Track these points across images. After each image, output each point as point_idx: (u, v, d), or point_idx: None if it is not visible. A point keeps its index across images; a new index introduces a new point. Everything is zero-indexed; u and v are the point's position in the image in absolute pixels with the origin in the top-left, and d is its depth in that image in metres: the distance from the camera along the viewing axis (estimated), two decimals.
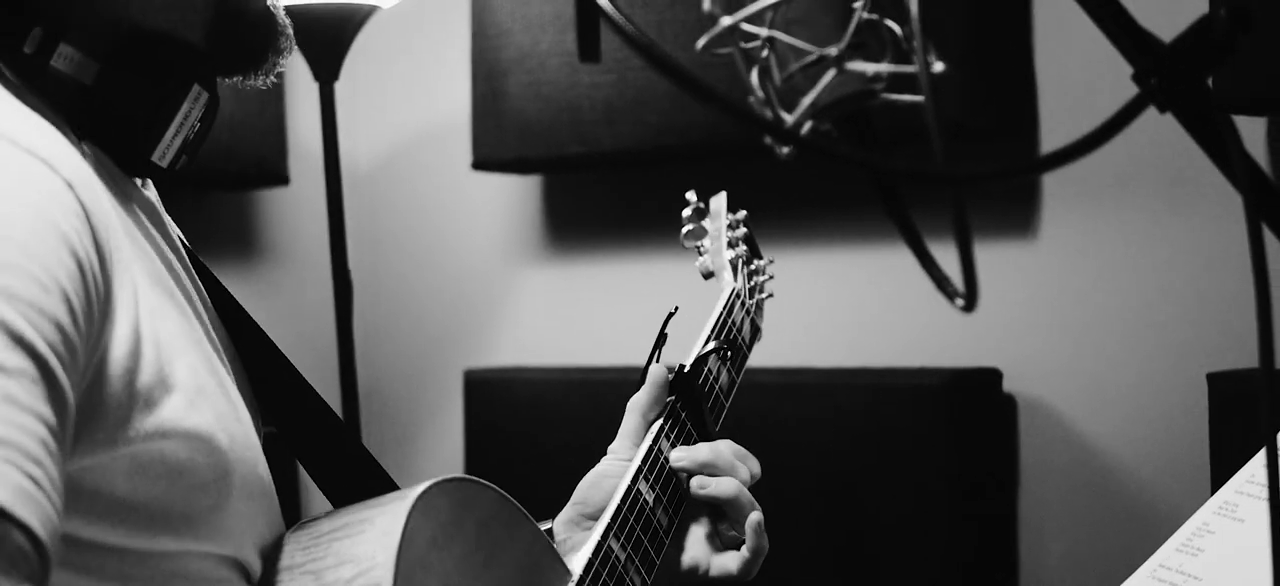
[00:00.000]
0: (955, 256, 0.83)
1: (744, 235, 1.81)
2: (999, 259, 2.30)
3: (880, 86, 0.84)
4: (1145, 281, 2.19)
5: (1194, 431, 2.06)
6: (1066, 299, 2.27)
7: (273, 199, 2.98)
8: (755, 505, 1.51)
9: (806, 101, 0.84)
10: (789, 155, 0.85)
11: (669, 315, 1.61)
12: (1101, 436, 2.24)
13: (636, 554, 1.38)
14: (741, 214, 1.84)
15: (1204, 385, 2.01)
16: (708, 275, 1.76)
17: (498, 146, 2.67)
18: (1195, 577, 1.39)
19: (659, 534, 1.43)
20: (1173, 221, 2.16)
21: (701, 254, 1.79)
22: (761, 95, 0.86)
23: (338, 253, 2.65)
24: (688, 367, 1.56)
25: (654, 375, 1.54)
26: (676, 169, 2.64)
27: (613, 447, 1.54)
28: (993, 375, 2.28)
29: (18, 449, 0.85)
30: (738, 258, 1.76)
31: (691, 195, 1.82)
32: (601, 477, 1.51)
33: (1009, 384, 2.30)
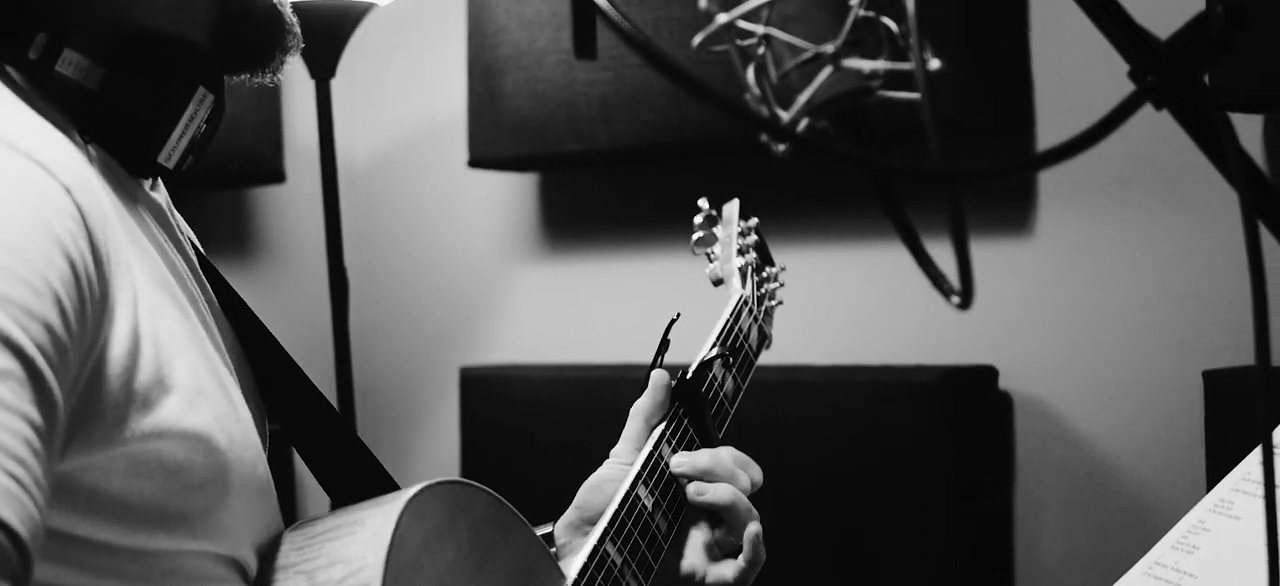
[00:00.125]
0: (951, 254, 0.83)
1: (755, 242, 1.81)
2: (995, 257, 2.30)
3: (876, 84, 0.84)
4: (1141, 279, 2.19)
5: (1189, 429, 2.07)
6: (1062, 297, 2.27)
7: (269, 196, 2.98)
8: (754, 514, 1.50)
9: (803, 98, 0.84)
10: (785, 152, 0.85)
11: (671, 321, 1.60)
12: (1097, 434, 2.24)
13: (634, 559, 1.37)
14: (753, 221, 1.84)
15: (1200, 383, 2.01)
16: (717, 282, 1.76)
17: (494, 144, 2.67)
18: (1191, 575, 1.39)
19: (657, 539, 1.43)
20: (1169, 219, 2.16)
21: (711, 260, 1.79)
22: (758, 92, 0.86)
23: (334, 250, 2.65)
24: (691, 373, 1.56)
25: (656, 380, 1.54)
26: (673, 166, 2.64)
27: (614, 451, 1.54)
28: (989, 372, 2.28)
29: (1, 449, 0.86)
30: (747, 264, 1.76)
31: (703, 202, 1.82)
32: (602, 482, 1.50)
33: (1005, 381, 2.30)
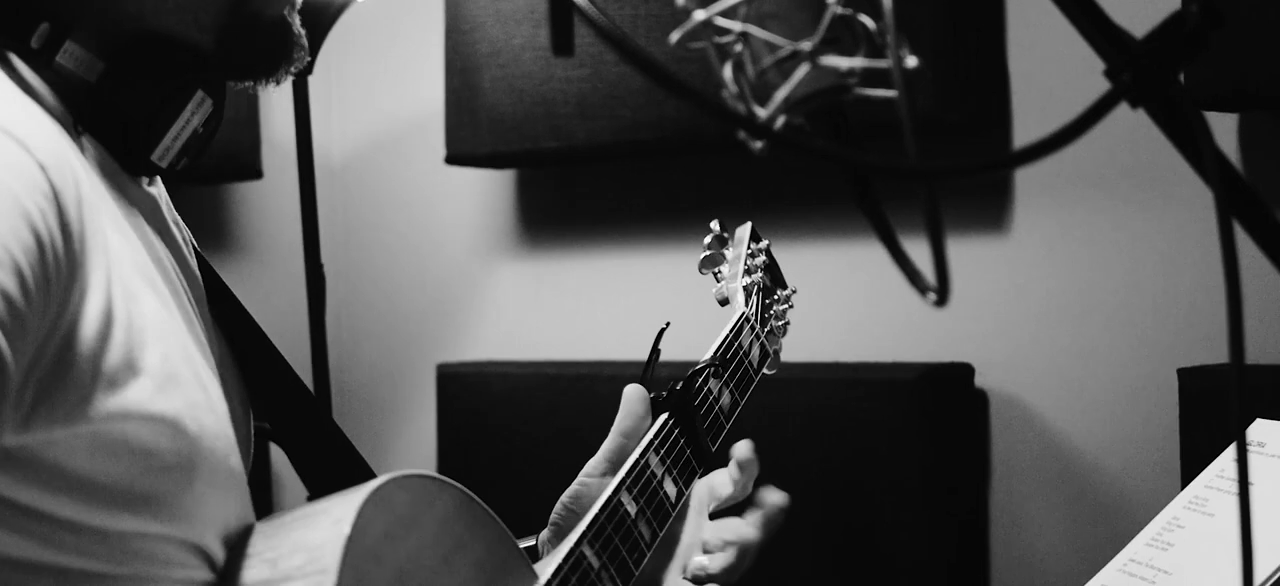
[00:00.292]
0: (928, 251, 0.83)
1: (764, 264, 1.81)
2: (971, 254, 2.31)
3: (853, 81, 0.84)
4: (1116, 277, 2.20)
5: (1164, 426, 2.07)
6: (1038, 294, 2.27)
7: (246, 192, 2.97)
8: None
9: (780, 96, 0.84)
10: (762, 150, 0.85)
11: (660, 331, 1.60)
12: (1073, 431, 2.25)
13: (612, 563, 1.36)
14: (764, 243, 1.84)
15: (1174, 380, 2.02)
16: (723, 301, 1.76)
17: (471, 140, 2.66)
18: (1165, 571, 1.39)
19: (640, 545, 1.41)
20: (1144, 217, 2.17)
21: (718, 280, 1.79)
22: (735, 89, 0.86)
23: (311, 247, 2.64)
24: (681, 385, 1.55)
25: (629, 394, 1.53)
26: (651, 163, 2.64)
27: (588, 466, 1.52)
28: (965, 370, 2.29)
29: None
30: (753, 284, 1.76)
31: (715, 224, 1.82)
32: (576, 498, 1.49)
33: (981, 379, 2.30)
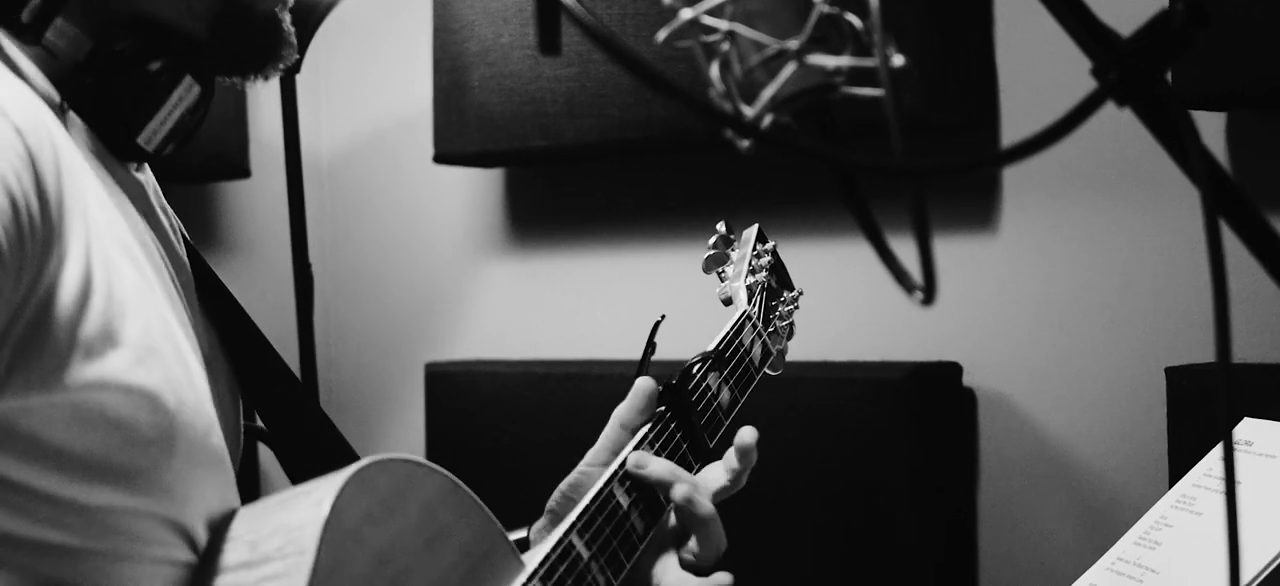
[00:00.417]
0: (915, 250, 0.83)
1: (770, 264, 1.81)
2: (959, 253, 2.31)
3: (840, 80, 0.84)
4: (1104, 276, 2.20)
5: (1152, 425, 2.08)
6: (1026, 293, 2.28)
7: (233, 191, 2.96)
8: (723, 543, 1.48)
9: (767, 94, 0.84)
10: (749, 149, 0.85)
11: (656, 323, 1.59)
12: (1061, 430, 2.25)
13: (602, 554, 1.36)
14: (770, 244, 1.84)
15: (1162, 379, 2.02)
16: (726, 301, 1.76)
17: (460, 139, 2.66)
18: (1153, 570, 1.39)
19: (631, 538, 1.41)
20: (1132, 217, 2.17)
21: (722, 280, 1.80)
22: (722, 88, 0.85)
23: (298, 246, 2.64)
24: (676, 379, 1.55)
25: (639, 387, 1.52)
26: (639, 162, 2.64)
27: (588, 455, 1.52)
28: (953, 369, 2.29)
29: None
30: (757, 284, 1.76)
31: (721, 226, 1.82)
32: (573, 487, 1.49)
33: (969, 378, 2.31)
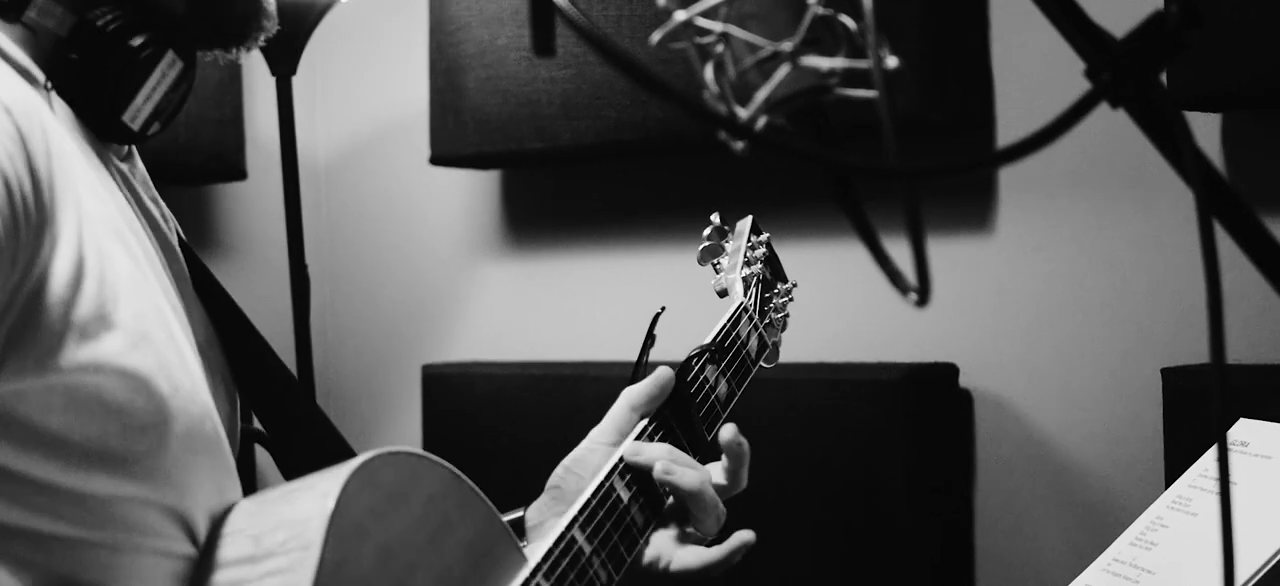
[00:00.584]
0: (909, 251, 0.83)
1: (764, 256, 1.81)
2: (955, 254, 2.31)
3: (834, 82, 0.84)
4: (1100, 277, 2.20)
5: (1148, 426, 2.08)
6: (1022, 294, 2.28)
7: (230, 193, 2.96)
8: (721, 511, 1.49)
9: (761, 96, 0.84)
10: (744, 150, 0.85)
11: (655, 316, 1.59)
12: (1057, 431, 2.25)
13: (604, 548, 1.36)
14: (764, 236, 1.84)
15: (1158, 380, 2.02)
16: (722, 293, 1.76)
17: (456, 141, 2.66)
18: (1148, 571, 1.39)
19: (632, 531, 1.41)
20: (1128, 217, 2.17)
21: (717, 272, 1.79)
22: (716, 90, 0.86)
23: (295, 248, 2.64)
24: (676, 371, 1.55)
25: (660, 374, 1.52)
26: (634, 164, 2.64)
27: (593, 433, 1.52)
28: (949, 370, 2.29)
29: None
30: (753, 276, 1.76)
31: (715, 217, 1.82)
32: (577, 462, 1.49)
33: (965, 379, 2.31)
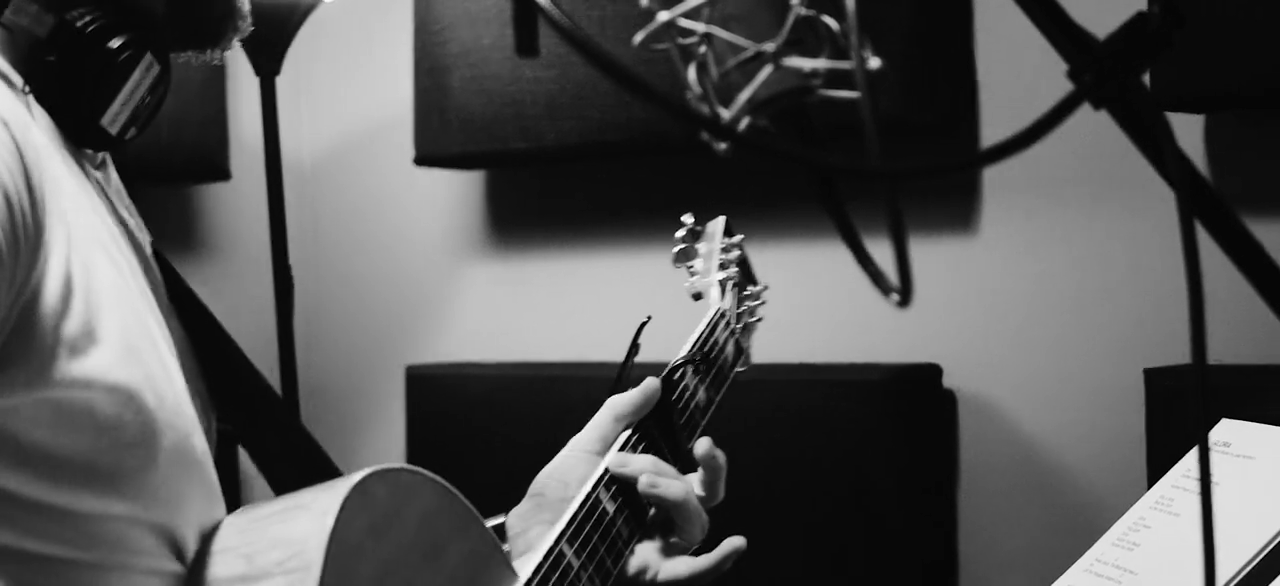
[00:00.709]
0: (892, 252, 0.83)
1: (738, 258, 1.79)
2: (940, 255, 2.31)
3: (817, 83, 0.84)
4: (1084, 278, 2.21)
5: (1131, 426, 2.08)
6: (1006, 295, 2.28)
7: (213, 193, 2.95)
8: (705, 520, 1.48)
9: (743, 97, 0.84)
10: (727, 151, 0.85)
11: (641, 325, 1.58)
12: (1040, 431, 2.26)
13: (592, 562, 1.35)
14: (738, 238, 1.82)
15: (1141, 381, 2.03)
16: (696, 296, 1.73)
17: (440, 141, 2.66)
18: (1131, 571, 1.40)
19: (618, 544, 1.40)
20: (1112, 218, 2.17)
21: (692, 275, 1.77)
22: (699, 91, 0.85)
23: (279, 248, 2.63)
24: (661, 380, 1.53)
25: (647, 385, 1.50)
26: (619, 164, 2.64)
27: (576, 440, 1.50)
28: (933, 371, 2.29)
29: None
30: (728, 279, 1.74)
31: (687, 218, 1.79)
32: (559, 469, 1.48)
33: (949, 379, 2.31)
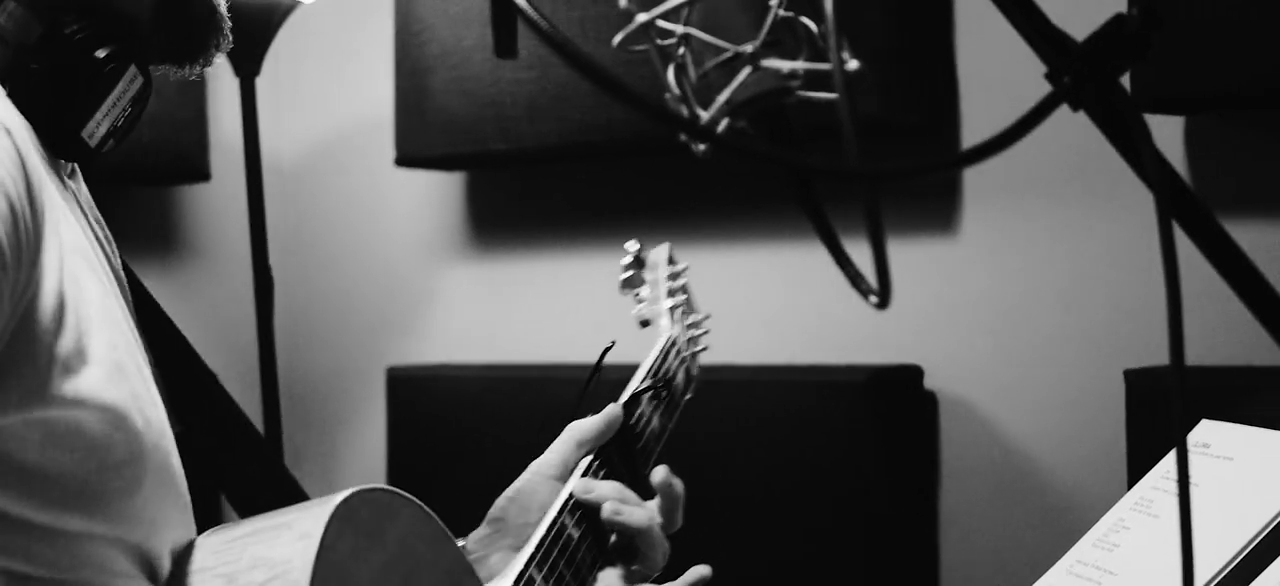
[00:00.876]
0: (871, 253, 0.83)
1: (683, 286, 1.80)
2: (920, 256, 2.32)
3: (796, 84, 0.84)
4: (1064, 279, 2.21)
5: (1111, 427, 2.08)
6: (987, 296, 2.28)
7: (193, 195, 2.95)
8: (666, 547, 1.47)
9: (722, 98, 0.84)
10: (705, 152, 0.85)
11: (605, 350, 1.58)
12: (1021, 432, 2.26)
13: None
14: (682, 265, 1.83)
15: (1121, 382, 2.03)
16: (644, 323, 1.74)
17: (421, 142, 2.65)
18: (1111, 572, 1.40)
19: (582, 571, 1.41)
20: (1091, 219, 2.18)
21: (639, 301, 1.78)
22: (677, 92, 0.85)
23: (259, 249, 2.62)
24: (623, 408, 1.54)
25: (609, 412, 1.51)
26: (599, 165, 2.64)
27: (536, 464, 1.49)
28: (914, 372, 2.29)
29: None
30: (676, 306, 1.75)
31: (631, 244, 1.80)
32: (520, 493, 1.47)
33: (930, 381, 2.31)
